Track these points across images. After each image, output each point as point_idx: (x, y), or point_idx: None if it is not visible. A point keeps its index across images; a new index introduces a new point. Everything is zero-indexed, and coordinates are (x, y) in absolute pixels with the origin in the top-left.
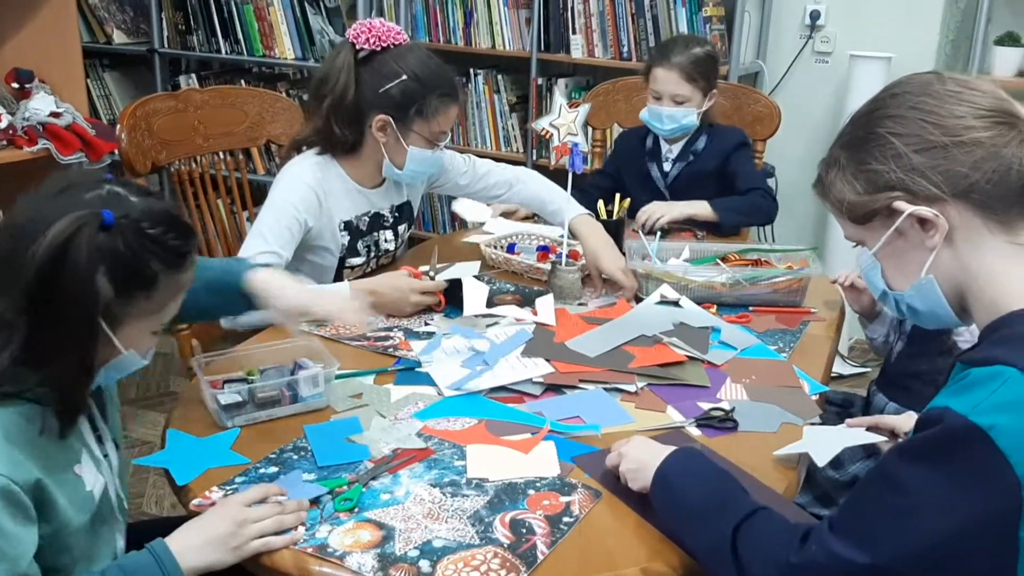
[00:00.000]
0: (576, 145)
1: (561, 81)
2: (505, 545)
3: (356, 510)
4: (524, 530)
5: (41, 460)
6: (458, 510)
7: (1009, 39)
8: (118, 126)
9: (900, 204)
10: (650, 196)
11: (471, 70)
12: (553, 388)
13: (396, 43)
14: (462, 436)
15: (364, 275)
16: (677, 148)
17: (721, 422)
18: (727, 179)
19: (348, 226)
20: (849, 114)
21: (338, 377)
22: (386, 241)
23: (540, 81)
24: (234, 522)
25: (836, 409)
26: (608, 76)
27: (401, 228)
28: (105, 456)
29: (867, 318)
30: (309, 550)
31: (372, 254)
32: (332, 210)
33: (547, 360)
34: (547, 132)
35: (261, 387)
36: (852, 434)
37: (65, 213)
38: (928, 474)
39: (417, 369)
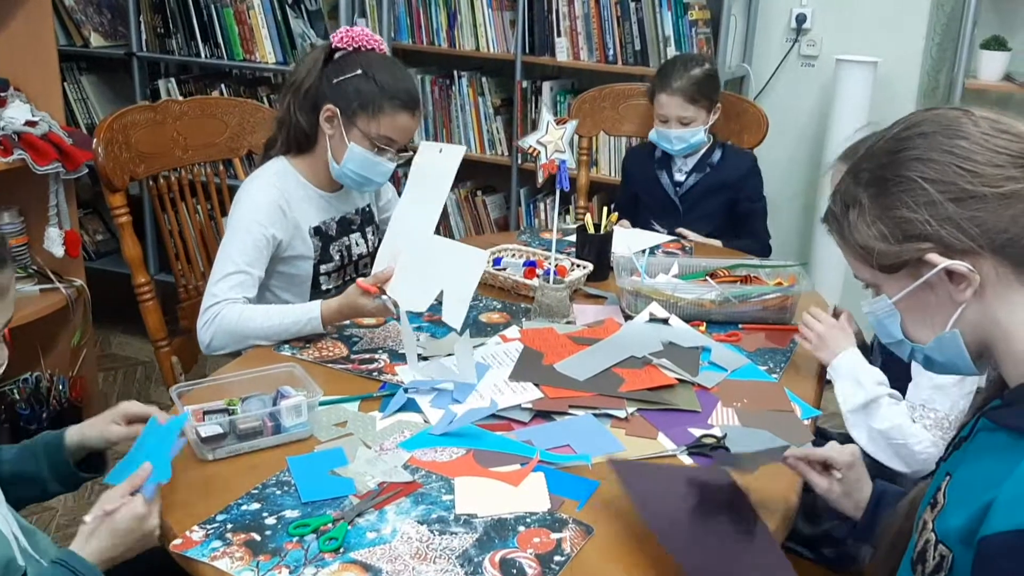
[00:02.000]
0: (563, 162)
1: (546, 84)
2: None
3: (341, 550)
4: (515, 571)
5: None
6: (446, 549)
7: (995, 43)
8: (94, 140)
9: (933, 257)
10: (660, 204)
11: (455, 72)
12: (542, 415)
13: (369, 47)
14: (450, 468)
15: (343, 283)
16: (692, 160)
17: (713, 450)
18: (737, 197)
19: (318, 231)
20: (836, 119)
21: (322, 404)
22: (357, 245)
23: (525, 84)
24: (140, 526)
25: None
26: (593, 79)
27: (368, 231)
28: None
29: None
30: None
31: (345, 260)
32: (298, 219)
33: (536, 384)
34: (534, 149)
35: (243, 418)
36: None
37: None
38: None
39: (405, 395)
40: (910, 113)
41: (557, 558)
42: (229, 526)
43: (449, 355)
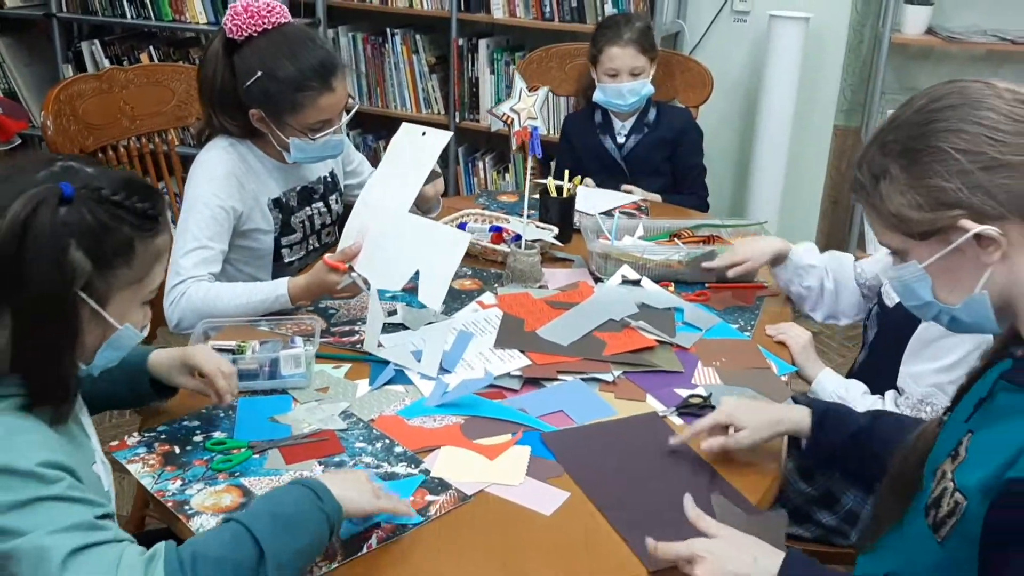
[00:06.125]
0: (536, 129)
1: (482, 42)
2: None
3: (237, 474)
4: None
5: (68, 453)
6: None
7: None
8: (42, 113)
9: (966, 223)
10: (605, 168)
11: (388, 30)
12: (531, 381)
13: (263, 29)
14: (433, 436)
15: (306, 253)
16: (630, 123)
17: (701, 409)
18: (677, 154)
19: (277, 203)
20: (768, 74)
21: (319, 357)
22: (320, 215)
23: (460, 42)
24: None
25: None
26: (529, 36)
27: (332, 199)
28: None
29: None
30: (169, 504)
31: (308, 230)
32: (256, 191)
33: (522, 351)
34: (508, 117)
35: (243, 360)
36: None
37: (18, 195)
38: None
39: (393, 367)
40: (931, 87)
41: (417, 520)
42: (163, 437)
43: (429, 323)
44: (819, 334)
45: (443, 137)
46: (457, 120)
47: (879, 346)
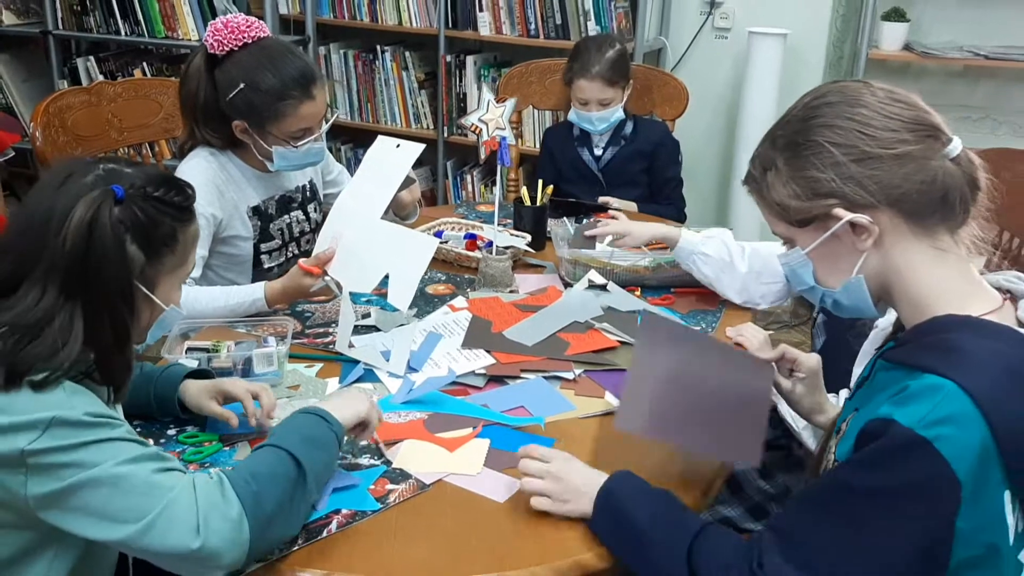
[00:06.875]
0: (504, 139)
1: (469, 58)
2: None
3: (207, 464)
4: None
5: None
6: None
7: (895, 14)
8: (31, 124)
9: (839, 211)
10: (583, 179)
11: (378, 47)
12: (495, 379)
13: (243, 44)
14: (397, 430)
15: (285, 260)
16: (607, 136)
17: None
18: (653, 166)
19: (257, 211)
20: (748, 89)
21: (294, 357)
22: (298, 222)
23: (449, 58)
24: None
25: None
26: (515, 53)
27: (311, 207)
28: None
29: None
30: None
31: (287, 238)
32: (236, 198)
33: (487, 351)
34: (476, 128)
35: (217, 358)
36: None
37: (76, 200)
38: (878, 483)
39: (363, 365)
40: (818, 85)
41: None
42: (138, 430)
43: (400, 325)
44: (801, 344)
45: (415, 149)
46: (446, 135)
47: (827, 352)
